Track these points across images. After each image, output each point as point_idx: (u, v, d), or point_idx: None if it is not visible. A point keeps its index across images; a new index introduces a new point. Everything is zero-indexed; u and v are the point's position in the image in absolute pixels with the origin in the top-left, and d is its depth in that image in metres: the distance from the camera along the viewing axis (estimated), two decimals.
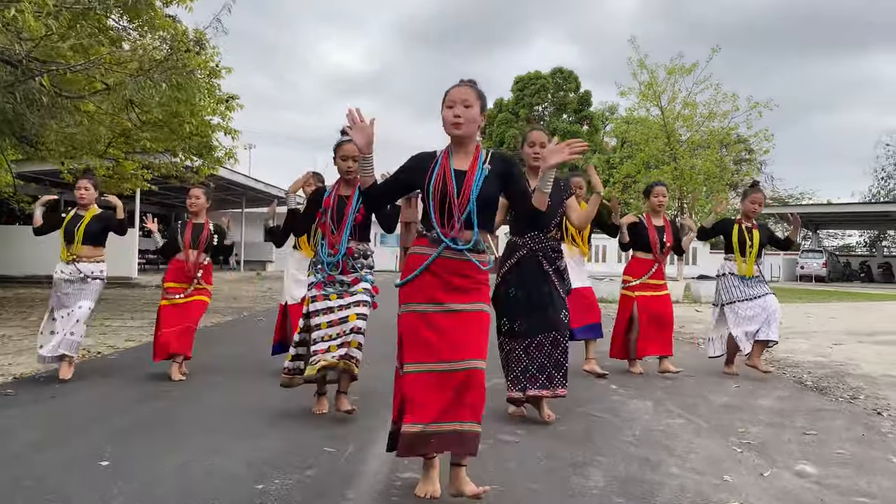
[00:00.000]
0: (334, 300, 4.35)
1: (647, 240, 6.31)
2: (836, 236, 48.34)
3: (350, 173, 4.42)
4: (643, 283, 6.30)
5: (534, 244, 4.46)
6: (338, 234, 4.35)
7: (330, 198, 4.43)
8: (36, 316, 10.94)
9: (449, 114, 3.06)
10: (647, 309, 6.25)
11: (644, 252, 6.38)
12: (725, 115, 23.27)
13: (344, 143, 4.40)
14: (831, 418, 4.71)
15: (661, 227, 6.35)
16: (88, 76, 10.91)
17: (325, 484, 3.09)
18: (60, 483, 3.08)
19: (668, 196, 6.51)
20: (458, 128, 3.05)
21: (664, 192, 6.42)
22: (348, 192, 4.45)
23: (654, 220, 6.39)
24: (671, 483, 3.22)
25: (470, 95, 3.06)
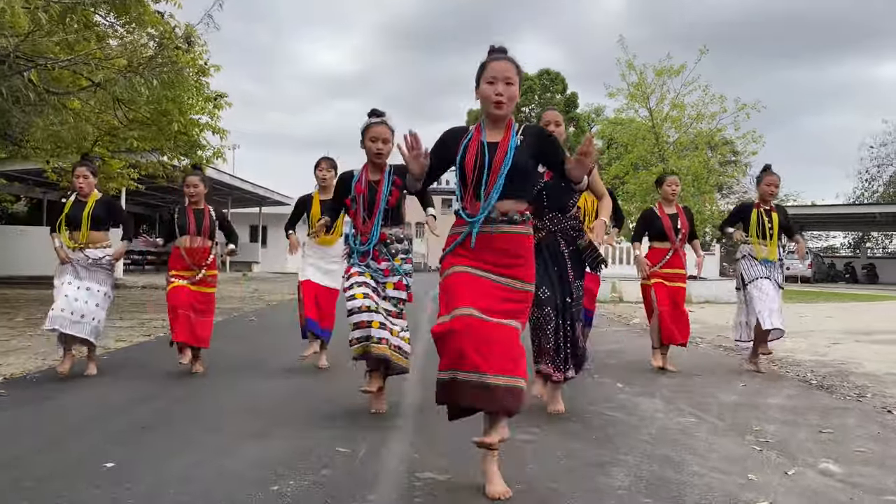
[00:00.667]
0: (369, 278, 4.24)
1: (660, 228, 6.35)
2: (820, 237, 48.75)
3: (380, 156, 4.28)
4: (660, 272, 6.31)
5: (553, 225, 4.40)
6: (369, 221, 4.23)
7: (360, 184, 4.29)
8: (22, 317, 10.72)
9: (490, 91, 2.94)
10: (667, 295, 6.26)
11: (659, 241, 6.43)
12: (713, 117, 23.36)
13: (373, 124, 4.25)
14: (843, 416, 4.65)
15: (674, 215, 6.40)
16: (75, 73, 10.72)
17: (343, 485, 2.98)
18: (65, 485, 2.94)
19: (679, 186, 6.49)
20: (500, 107, 2.95)
21: (677, 181, 6.49)
22: (378, 176, 4.30)
23: (667, 209, 6.45)
24: (697, 483, 3.13)
25: (511, 71, 2.96)
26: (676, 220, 6.37)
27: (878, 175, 45.53)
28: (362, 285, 4.19)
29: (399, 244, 4.32)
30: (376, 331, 4.10)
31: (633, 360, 6.69)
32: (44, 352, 7.03)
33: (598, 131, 40.48)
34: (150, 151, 14.88)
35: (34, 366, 6.24)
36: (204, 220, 5.94)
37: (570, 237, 4.41)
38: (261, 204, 31.13)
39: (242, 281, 24.26)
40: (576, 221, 4.50)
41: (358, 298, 4.13)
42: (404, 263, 4.34)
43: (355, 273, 4.25)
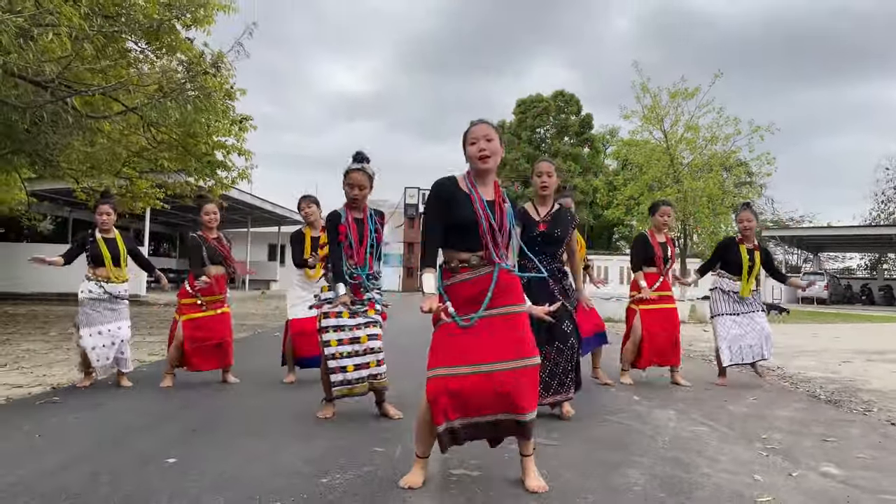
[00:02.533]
0: (346, 318, 4.62)
1: (651, 255, 6.61)
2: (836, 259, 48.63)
3: (356, 201, 4.66)
4: (650, 298, 6.57)
5: (545, 266, 4.80)
6: (360, 251, 4.64)
7: (344, 225, 4.65)
8: (55, 331, 11.14)
9: (474, 149, 3.31)
10: (652, 321, 6.53)
11: (648, 266, 6.69)
12: (728, 139, 23.63)
13: (352, 170, 4.61)
14: (848, 427, 4.91)
15: (663, 244, 6.67)
16: (109, 97, 11.20)
17: (385, 480, 3.30)
18: (137, 478, 3.28)
19: (672, 216, 6.80)
20: (485, 161, 3.31)
21: (670, 211, 6.69)
22: (360, 215, 4.72)
23: (658, 237, 6.69)
24: (707, 482, 3.43)
25: (490, 130, 3.34)
26: (666, 250, 6.65)
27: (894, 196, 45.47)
28: (337, 330, 4.62)
29: (376, 280, 4.79)
30: (353, 373, 4.58)
31: (644, 374, 6.94)
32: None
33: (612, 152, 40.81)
34: (177, 172, 15.37)
35: (78, 376, 6.59)
36: (220, 247, 6.40)
37: (557, 277, 4.92)
38: (280, 223, 31.64)
39: (261, 298, 24.69)
40: (561, 264, 5.03)
41: (332, 346, 4.60)
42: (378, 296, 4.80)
43: (332, 314, 4.62)
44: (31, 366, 7.31)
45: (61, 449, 3.83)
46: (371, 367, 4.61)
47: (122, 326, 6.07)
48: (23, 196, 18.00)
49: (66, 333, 10.83)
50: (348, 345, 4.57)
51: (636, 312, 6.62)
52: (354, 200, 4.64)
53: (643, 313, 6.56)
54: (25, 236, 25.77)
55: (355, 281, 4.63)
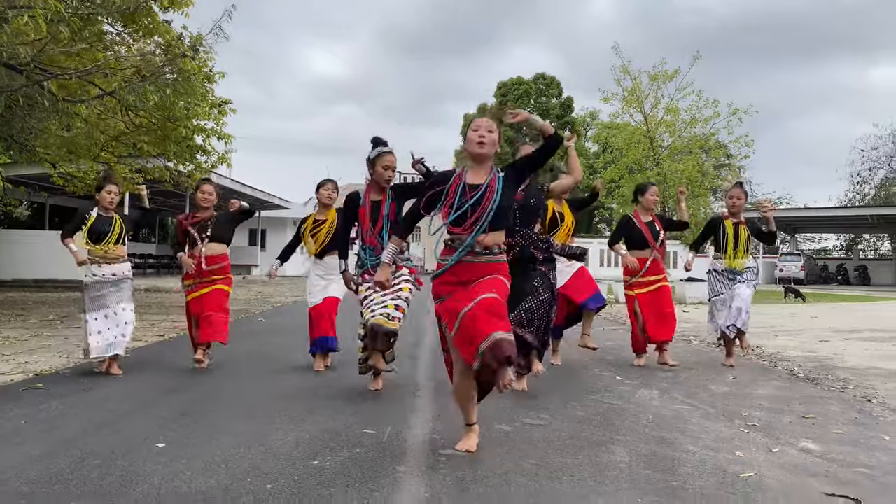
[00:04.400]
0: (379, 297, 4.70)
1: (639, 236, 6.68)
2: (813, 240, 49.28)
3: (389, 181, 4.85)
4: (640, 282, 6.64)
5: (524, 240, 5.06)
6: (374, 232, 4.77)
7: (364, 205, 4.84)
8: (35, 318, 11.04)
9: (474, 135, 3.56)
10: (648, 304, 6.62)
11: (638, 249, 6.72)
12: (707, 121, 23.79)
13: (385, 153, 4.79)
14: (826, 404, 5.03)
15: (650, 223, 6.73)
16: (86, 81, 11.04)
17: (375, 460, 3.34)
18: (126, 462, 3.29)
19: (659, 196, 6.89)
20: (481, 146, 3.54)
21: (657, 191, 6.78)
22: (379, 196, 4.85)
23: (644, 217, 6.76)
24: (690, 459, 3.50)
25: (493, 124, 3.59)
26: (654, 227, 6.72)
27: (869, 178, 46.08)
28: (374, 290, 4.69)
29: (401, 254, 4.79)
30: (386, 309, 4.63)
31: (630, 356, 7.03)
32: (64, 350, 7.36)
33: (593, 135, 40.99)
34: (156, 156, 15.20)
35: (60, 363, 6.56)
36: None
37: (542, 247, 5.12)
38: (259, 208, 31.42)
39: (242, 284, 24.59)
40: (542, 235, 5.28)
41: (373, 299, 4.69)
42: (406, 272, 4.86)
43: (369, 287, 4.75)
44: (11, 353, 7.25)
45: (48, 435, 3.83)
46: (390, 307, 4.63)
47: (126, 308, 6.06)
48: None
49: (47, 320, 10.75)
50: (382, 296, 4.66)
51: (634, 300, 6.71)
52: (389, 181, 4.83)
53: (640, 298, 6.65)
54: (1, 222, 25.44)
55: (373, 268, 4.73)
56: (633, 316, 6.75)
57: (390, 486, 2.98)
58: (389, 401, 4.77)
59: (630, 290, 6.76)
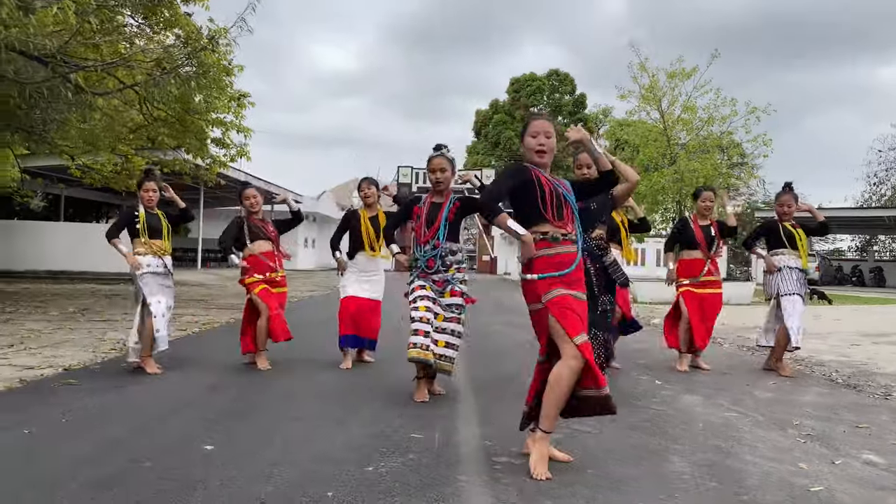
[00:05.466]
0: (429, 291, 4.73)
1: (691, 238, 6.58)
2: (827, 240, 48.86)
3: (440, 184, 4.84)
4: (696, 282, 6.56)
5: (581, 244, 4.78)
6: (428, 234, 4.78)
7: (424, 204, 4.87)
8: (55, 310, 11.00)
9: (533, 142, 3.47)
10: (694, 302, 6.50)
11: (691, 250, 6.64)
12: (724, 120, 23.57)
13: (433, 157, 4.87)
14: (876, 413, 4.91)
15: (706, 226, 6.60)
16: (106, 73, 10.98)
17: (432, 467, 3.25)
18: (178, 465, 3.21)
19: (714, 201, 6.76)
20: (541, 156, 3.47)
21: (712, 196, 6.69)
22: (441, 199, 4.87)
23: (701, 221, 6.66)
24: (754, 470, 3.40)
25: (550, 127, 3.50)
26: (710, 231, 6.61)
27: (886, 178, 45.62)
28: (424, 298, 4.72)
29: (453, 256, 4.82)
30: (427, 339, 4.62)
31: (662, 358, 6.93)
32: (90, 345, 7.30)
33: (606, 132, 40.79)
34: (174, 149, 15.16)
35: (88, 358, 6.50)
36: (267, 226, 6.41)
37: (595, 255, 4.89)
38: (271, 202, 31.39)
39: None
40: (599, 241, 5.00)
41: (420, 311, 4.68)
42: (457, 273, 4.84)
43: (418, 287, 4.77)
44: (37, 346, 7.20)
45: (91, 434, 3.76)
46: (440, 346, 4.67)
47: (171, 304, 6.04)
48: (16, 173, 17.72)
49: (67, 313, 10.71)
50: (431, 314, 4.68)
51: (681, 297, 6.63)
52: (438, 183, 4.84)
53: (686, 297, 6.55)
54: (17, 213, 25.46)
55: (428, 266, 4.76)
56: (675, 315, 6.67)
57: (453, 496, 2.89)
58: (432, 404, 4.68)
59: (679, 289, 6.69)
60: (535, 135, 3.46)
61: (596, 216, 5.03)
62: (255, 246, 6.30)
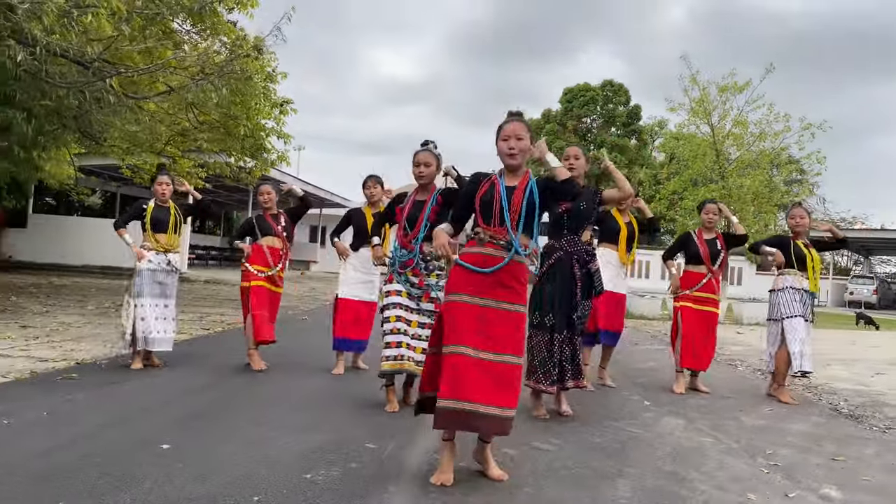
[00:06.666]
0: (405, 298, 4.72)
1: (696, 252, 6.48)
2: (888, 262, 47.07)
3: (421, 177, 4.80)
4: (691, 295, 6.42)
5: (570, 247, 4.91)
6: (411, 235, 4.75)
7: (408, 202, 4.84)
8: (92, 305, 11.46)
9: (504, 146, 3.51)
10: (691, 321, 6.38)
11: (694, 265, 6.53)
12: (777, 136, 22.97)
13: (417, 151, 4.84)
14: (862, 446, 4.76)
15: (712, 240, 6.50)
16: (152, 78, 11.40)
17: (368, 478, 3.31)
18: (128, 462, 3.36)
19: (718, 215, 6.65)
20: (513, 158, 3.51)
21: (715, 209, 6.60)
22: (424, 197, 4.82)
23: (706, 235, 6.56)
24: (697, 498, 3.35)
25: (521, 129, 3.51)
26: (715, 245, 6.49)
27: None
28: (396, 307, 4.70)
29: (437, 261, 4.78)
30: (405, 350, 4.63)
31: (664, 378, 6.82)
32: (111, 340, 7.58)
33: (660, 144, 40.14)
34: (217, 153, 15.63)
35: (102, 353, 6.77)
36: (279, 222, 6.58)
37: (584, 260, 4.89)
38: (321, 205, 31.93)
39: (300, 279, 25.03)
40: (589, 247, 4.99)
41: (391, 321, 4.68)
42: (440, 280, 4.80)
43: (393, 292, 4.74)
44: (61, 339, 7.53)
45: (63, 429, 3.94)
46: (417, 352, 4.66)
47: (168, 304, 6.20)
48: (72, 171, 18.51)
49: (103, 308, 11.14)
50: (404, 323, 4.67)
51: (679, 312, 6.51)
52: (420, 177, 4.81)
53: (684, 312, 6.44)
54: (76, 209, 26.52)
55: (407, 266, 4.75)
56: (675, 330, 6.53)
57: None
58: (400, 415, 4.70)
59: (677, 302, 6.57)
60: (505, 139, 3.51)
61: (585, 216, 5.03)
62: (263, 241, 6.50)
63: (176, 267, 6.30)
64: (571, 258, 4.86)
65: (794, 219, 6.49)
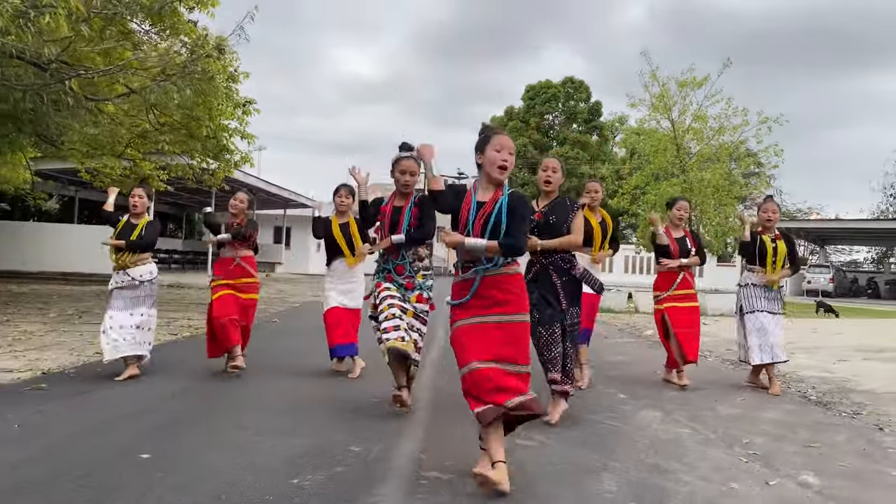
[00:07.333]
0: (396, 292, 4.70)
1: (667, 251, 6.51)
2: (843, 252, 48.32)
3: (407, 186, 4.78)
4: (671, 296, 6.48)
5: (545, 258, 4.83)
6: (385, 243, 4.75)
7: (386, 208, 4.81)
8: (55, 312, 11.18)
9: (497, 157, 3.45)
10: (680, 321, 6.41)
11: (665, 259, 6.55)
12: (736, 130, 23.38)
13: (402, 158, 4.74)
14: (834, 432, 4.87)
15: (681, 238, 6.54)
16: (111, 79, 11.16)
17: (354, 482, 3.29)
18: (106, 473, 3.28)
19: (689, 210, 6.70)
20: (503, 172, 3.46)
21: (686, 206, 6.63)
22: (402, 203, 4.81)
23: (674, 233, 6.59)
24: (681, 490, 3.40)
25: (513, 147, 3.49)
26: (685, 242, 6.57)
27: None
28: (390, 298, 4.69)
29: (420, 262, 4.82)
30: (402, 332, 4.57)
31: (639, 371, 6.90)
32: (77, 348, 7.42)
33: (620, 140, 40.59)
34: (180, 154, 15.36)
35: (69, 362, 6.61)
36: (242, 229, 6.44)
37: (561, 268, 4.82)
38: (285, 206, 31.64)
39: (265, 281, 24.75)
40: (565, 254, 4.89)
41: (386, 310, 4.64)
42: (426, 280, 4.83)
43: (384, 288, 4.74)
44: (24, 349, 7.33)
45: (37, 440, 3.84)
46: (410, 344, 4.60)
47: (143, 312, 6.01)
48: (28, 176, 18.06)
49: (66, 315, 10.88)
50: (399, 309, 4.63)
51: (663, 314, 6.51)
52: (406, 186, 4.79)
53: (670, 313, 6.45)
54: (32, 215, 25.88)
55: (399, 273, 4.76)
56: (664, 334, 6.55)
57: None
58: (384, 417, 4.68)
59: (660, 305, 6.59)
60: (499, 149, 3.45)
61: (556, 229, 4.91)
62: (224, 250, 6.40)
63: (139, 280, 6.04)
64: (548, 269, 4.81)
65: (767, 213, 6.58)
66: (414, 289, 4.77)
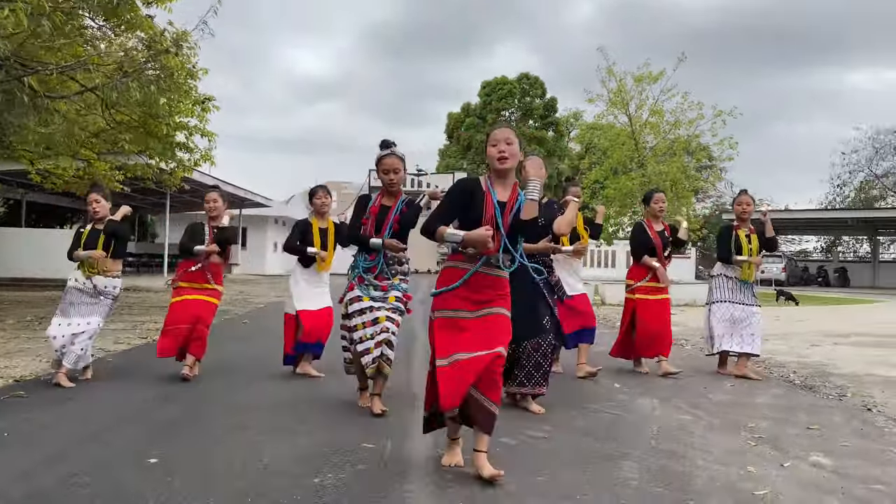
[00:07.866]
0: (367, 302, 4.54)
1: (650, 244, 6.53)
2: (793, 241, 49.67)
3: (393, 185, 4.62)
4: (644, 287, 6.51)
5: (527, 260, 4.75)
6: None
7: (374, 206, 4.65)
8: (12, 319, 10.76)
9: (494, 151, 3.46)
10: (651, 313, 6.45)
11: (648, 257, 6.58)
12: (691, 123, 23.80)
13: (384, 157, 4.59)
14: (828, 414, 4.97)
15: (661, 232, 6.57)
16: (66, 76, 10.77)
17: (379, 478, 3.21)
18: (118, 479, 3.14)
19: (666, 202, 6.75)
20: (503, 162, 3.44)
21: (664, 198, 6.67)
22: (390, 202, 4.67)
23: (656, 226, 6.61)
24: (702, 474, 3.41)
25: (510, 134, 3.47)
26: (664, 236, 6.61)
27: (849, 181, 46.55)
28: (363, 313, 4.56)
29: (399, 266, 4.70)
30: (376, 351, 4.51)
31: (622, 361, 6.92)
32: (44, 354, 7.13)
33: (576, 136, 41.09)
34: (137, 154, 14.92)
35: (41, 368, 6.34)
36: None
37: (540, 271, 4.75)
38: (241, 206, 31.10)
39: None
40: (546, 258, 4.93)
41: (359, 329, 4.55)
42: (402, 283, 4.72)
43: (356, 299, 4.59)
44: None
45: (33, 449, 3.66)
46: (383, 344, 4.53)
47: (91, 322, 5.71)
48: None
49: (25, 321, 10.48)
50: (371, 327, 4.53)
51: (634, 304, 6.56)
52: (391, 185, 4.64)
53: (640, 305, 6.49)
54: None
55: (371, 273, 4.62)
56: (628, 321, 6.62)
57: None
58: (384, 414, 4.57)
59: (632, 294, 6.63)
60: (495, 143, 3.46)
61: (543, 232, 4.93)
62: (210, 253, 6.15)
63: (102, 291, 5.78)
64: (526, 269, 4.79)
65: (741, 205, 6.67)
66: (390, 290, 4.64)
